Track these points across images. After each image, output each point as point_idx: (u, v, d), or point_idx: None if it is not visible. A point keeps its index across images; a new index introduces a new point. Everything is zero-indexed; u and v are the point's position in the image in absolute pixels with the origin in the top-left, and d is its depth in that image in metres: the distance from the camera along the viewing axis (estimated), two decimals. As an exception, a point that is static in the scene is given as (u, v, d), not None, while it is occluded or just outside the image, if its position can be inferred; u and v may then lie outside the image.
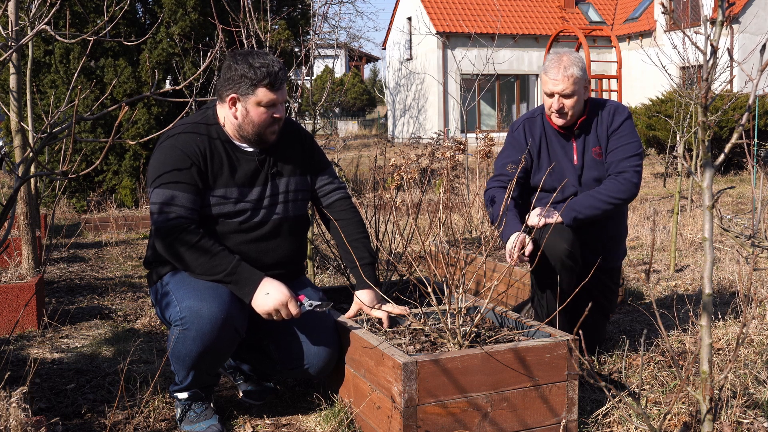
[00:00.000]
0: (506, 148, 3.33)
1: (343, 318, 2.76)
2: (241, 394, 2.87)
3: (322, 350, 2.64)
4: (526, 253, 2.92)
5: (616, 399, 2.64)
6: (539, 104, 3.40)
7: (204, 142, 2.60)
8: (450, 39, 23.88)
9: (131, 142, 2.39)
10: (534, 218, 3.08)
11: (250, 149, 2.68)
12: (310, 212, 3.27)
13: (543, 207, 3.10)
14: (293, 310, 2.51)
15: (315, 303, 2.59)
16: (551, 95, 3.15)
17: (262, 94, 2.56)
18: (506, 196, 2.76)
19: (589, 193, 3.15)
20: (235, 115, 2.61)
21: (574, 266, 3.05)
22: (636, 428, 2.49)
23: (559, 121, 3.20)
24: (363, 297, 2.74)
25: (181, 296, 2.49)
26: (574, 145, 3.26)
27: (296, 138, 2.82)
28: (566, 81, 3.10)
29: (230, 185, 2.62)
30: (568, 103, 3.14)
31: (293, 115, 5.35)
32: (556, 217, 3.07)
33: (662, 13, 3.27)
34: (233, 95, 2.58)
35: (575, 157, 3.25)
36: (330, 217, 2.85)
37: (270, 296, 2.48)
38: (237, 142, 2.67)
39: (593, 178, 3.23)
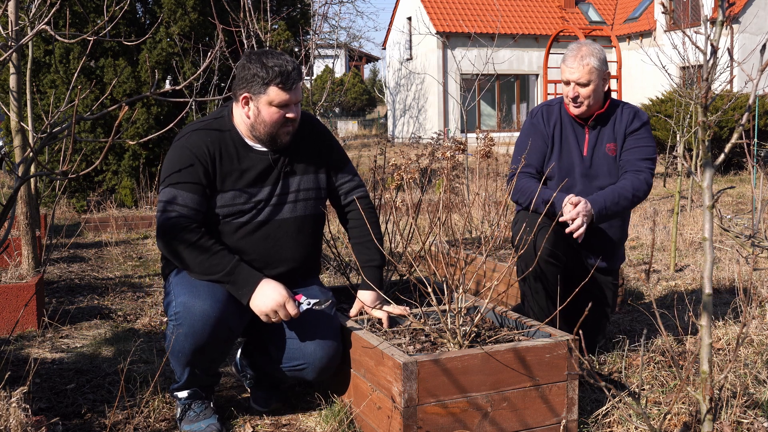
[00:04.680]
0: (529, 134, 3.31)
1: (343, 317, 2.76)
2: (250, 398, 2.85)
3: (320, 350, 2.57)
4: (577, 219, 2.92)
5: (616, 399, 2.64)
6: (539, 103, 3.43)
7: (216, 141, 2.58)
8: (450, 39, 23.87)
9: (131, 142, 2.39)
10: (569, 212, 2.97)
11: (264, 149, 2.65)
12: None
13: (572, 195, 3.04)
14: (291, 310, 2.47)
15: (313, 301, 2.53)
16: (568, 83, 3.19)
17: (274, 93, 2.52)
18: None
19: (611, 188, 3.14)
20: (248, 114, 2.58)
21: (556, 264, 3.06)
22: (636, 428, 2.49)
23: (575, 111, 3.23)
24: (364, 297, 2.74)
25: (178, 292, 2.49)
26: (587, 136, 3.27)
27: (314, 135, 2.77)
28: (582, 69, 3.13)
29: (239, 187, 2.59)
30: (584, 92, 3.16)
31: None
32: (587, 207, 2.99)
33: (662, 13, 3.27)
34: (246, 94, 2.56)
35: (585, 149, 3.26)
36: (346, 217, 2.84)
37: (267, 297, 2.45)
38: (250, 143, 2.64)
39: (600, 173, 3.23)
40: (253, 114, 2.57)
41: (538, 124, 3.31)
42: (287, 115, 2.56)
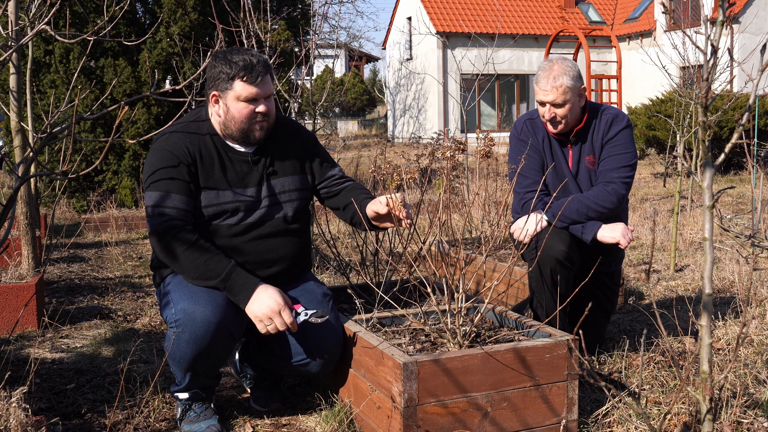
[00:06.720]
0: (521, 150, 3.26)
1: (344, 317, 2.76)
2: (250, 398, 2.85)
3: (322, 345, 2.59)
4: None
5: (616, 399, 2.64)
6: (519, 117, 3.39)
7: (195, 142, 2.57)
8: (450, 39, 23.88)
9: (131, 141, 2.39)
10: (520, 232, 3.07)
11: (243, 149, 2.64)
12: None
13: (537, 211, 3.09)
14: (287, 318, 2.44)
15: (311, 312, 2.52)
16: (543, 104, 3.15)
17: (240, 87, 2.51)
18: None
19: (576, 197, 3.14)
20: (219, 113, 2.58)
21: (571, 267, 3.06)
22: (636, 428, 2.49)
23: (555, 130, 3.19)
24: (381, 200, 2.65)
25: (178, 298, 2.47)
26: (570, 152, 3.26)
27: (296, 137, 2.78)
28: (556, 91, 3.08)
29: (222, 186, 2.58)
30: (560, 112, 3.12)
31: (293, 115, 5.35)
32: (540, 221, 3.07)
33: (662, 12, 3.27)
34: (215, 93, 2.56)
35: (570, 164, 3.26)
36: (341, 187, 2.83)
37: (262, 304, 2.43)
38: (229, 142, 2.64)
39: (585, 187, 3.24)
40: (223, 112, 2.56)
41: (526, 138, 3.27)
42: (257, 110, 2.54)
